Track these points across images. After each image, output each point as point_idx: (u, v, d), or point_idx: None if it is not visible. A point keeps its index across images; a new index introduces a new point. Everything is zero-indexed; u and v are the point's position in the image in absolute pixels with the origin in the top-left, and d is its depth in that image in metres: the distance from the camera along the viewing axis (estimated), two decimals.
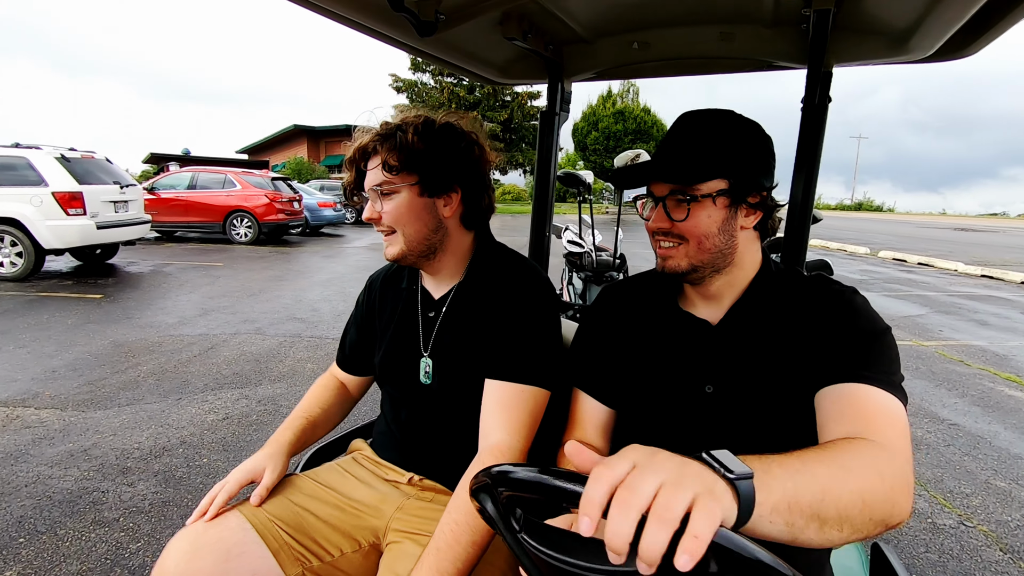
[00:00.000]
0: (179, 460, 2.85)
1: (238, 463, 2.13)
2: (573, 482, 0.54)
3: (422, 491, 1.21)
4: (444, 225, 1.21)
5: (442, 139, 1.17)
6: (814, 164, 1.38)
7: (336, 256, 10.98)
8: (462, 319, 1.22)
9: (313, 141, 49.08)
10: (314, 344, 4.92)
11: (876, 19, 1.31)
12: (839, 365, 0.86)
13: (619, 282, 1.21)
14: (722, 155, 0.92)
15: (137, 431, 3.15)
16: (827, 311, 0.93)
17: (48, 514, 2.35)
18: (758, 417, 0.92)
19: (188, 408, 3.50)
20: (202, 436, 3.13)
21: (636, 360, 1.07)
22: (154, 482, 2.64)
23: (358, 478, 1.24)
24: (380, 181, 1.15)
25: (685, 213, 0.92)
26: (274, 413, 3.47)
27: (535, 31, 1.49)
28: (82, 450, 2.92)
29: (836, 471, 0.65)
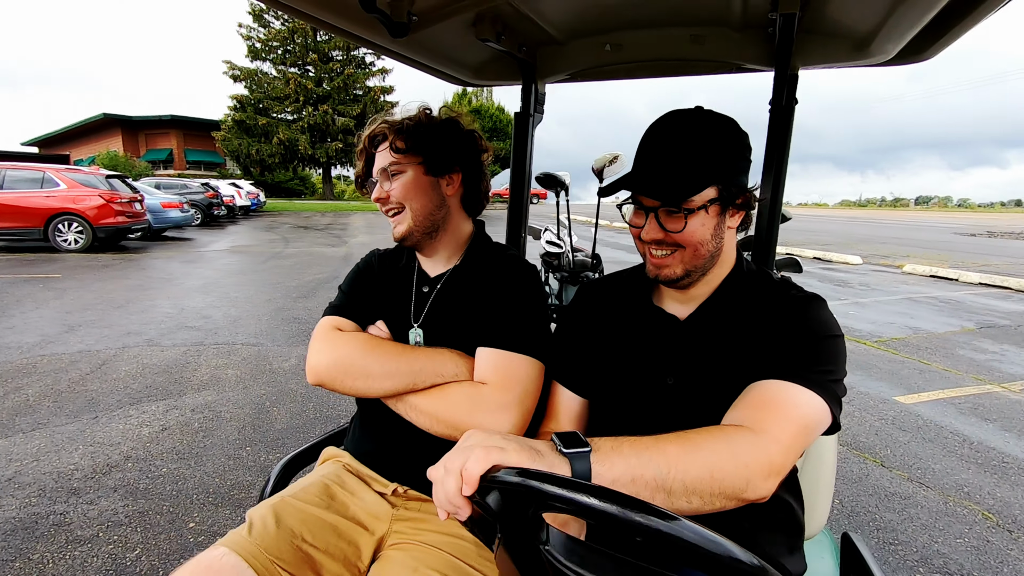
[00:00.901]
0: (134, 474, 2.73)
1: (202, 469, 2.35)
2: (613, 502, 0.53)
3: (408, 501, 1.20)
4: (447, 204, 1.28)
5: (445, 126, 1.27)
6: (782, 164, 1.40)
7: (198, 261, 10.07)
8: (455, 296, 1.27)
9: (130, 133, 42.86)
10: (225, 351, 4.71)
11: (839, 24, 1.33)
12: (774, 364, 0.89)
13: (597, 280, 1.24)
14: (710, 163, 0.92)
15: (64, 454, 2.91)
16: (783, 314, 0.95)
17: (6, 542, 2.18)
18: (713, 408, 0.93)
19: (112, 425, 3.26)
20: (147, 448, 2.99)
21: (607, 352, 1.09)
22: (117, 497, 2.53)
23: (349, 491, 1.21)
24: (388, 162, 1.22)
25: (681, 224, 0.92)
26: (216, 419, 3.38)
27: (509, 32, 1.49)
28: (7, 479, 2.64)
29: (686, 447, 0.75)
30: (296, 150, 37.23)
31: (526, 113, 1.80)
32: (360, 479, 1.23)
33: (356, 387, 1.16)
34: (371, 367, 1.15)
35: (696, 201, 0.91)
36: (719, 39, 1.46)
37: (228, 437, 3.16)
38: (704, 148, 0.92)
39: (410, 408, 1.15)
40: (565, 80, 1.81)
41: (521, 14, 1.40)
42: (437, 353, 1.17)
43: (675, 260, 0.96)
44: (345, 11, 1.23)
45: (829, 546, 1.32)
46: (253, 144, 36.23)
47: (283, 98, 37.20)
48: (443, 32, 1.43)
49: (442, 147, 1.24)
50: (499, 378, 1.12)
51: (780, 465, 0.79)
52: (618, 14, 1.44)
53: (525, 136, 1.82)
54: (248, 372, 4.20)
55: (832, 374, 0.88)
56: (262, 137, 36.55)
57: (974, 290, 9.11)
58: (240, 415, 3.46)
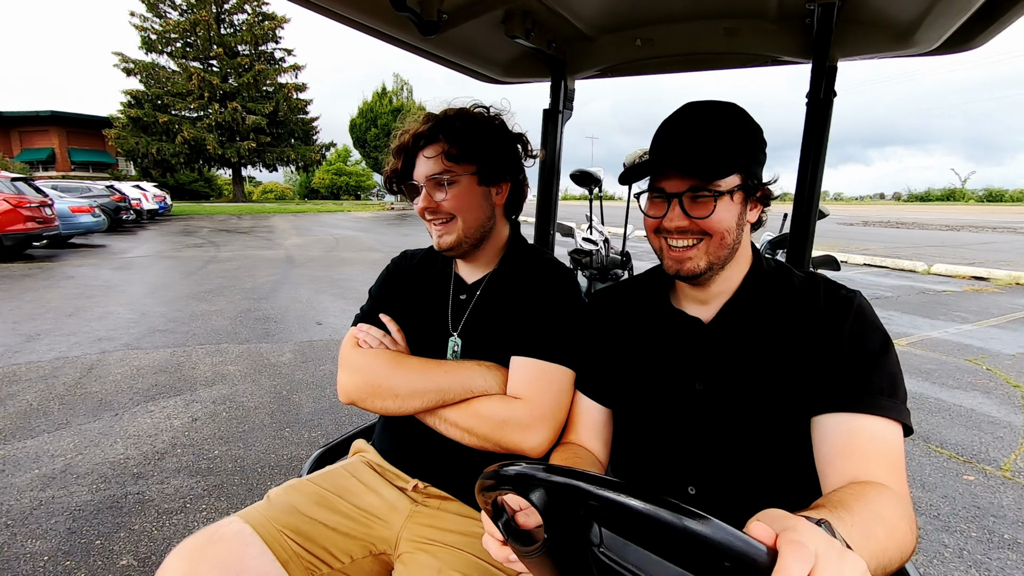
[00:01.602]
0: (189, 458, 2.92)
1: (253, 448, 2.59)
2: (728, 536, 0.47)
3: (428, 498, 1.18)
4: (495, 214, 1.24)
5: (496, 130, 1.21)
6: (820, 159, 1.35)
7: (131, 268, 9.56)
8: (494, 303, 1.23)
9: (1, 131, 38.14)
10: (213, 351, 4.78)
11: (881, 12, 1.28)
12: (841, 389, 0.84)
13: (609, 287, 1.21)
14: (736, 149, 0.90)
15: (105, 447, 3.02)
16: (829, 316, 0.90)
17: (97, 520, 2.36)
18: (746, 416, 0.90)
19: (139, 420, 3.36)
20: (188, 436, 3.16)
21: (630, 359, 1.05)
22: (184, 476, 2.73)
23: (365, 483, 1.21)
24: (441, 170, 1.15)
25: (709, 209, 0.89)
26: (241, 408, 3.57)
27: (538, 29, 1.46)
28: (61, 471, 2.75)
29: (888, 531, 0.68)
30: (203, 149, 35.01)
31: (555, 110, 1.79)
32: (380, 475, 1.23)
33: (386, 407, 1.15)
34: (398, 387, 1.14)
35: (723, 185, 0.89)
36: (753, 31, 1.43)
37: (262, 422, 3.38)
38: (730, 134, 0.91)
39: (440, 421, 1.14)
40: (595, 76, 1.80)
41: (550, 10, 1.40)
42: (464, 367, 1.15)
43: (699, 252, 0.92)
44: (376, 10, 1.23)
45: None
46: (153, 143, 33.66)
47: (185, 94, 34.84)
48: (472, 30, 1.43)
49: (496, 155, 1.19)
50: (532, 391, 1.10)
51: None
52: (649, 8, 1.43)
53: (555, 133, 1.80)
54: (249, 368, 4.35)
55: (904, 391, 0.85)
56: (163, 135, 34.04)
57: (859, 270, 10.70)
58: (264, 403, 3.66)
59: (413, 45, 1.45)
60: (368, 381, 1.16)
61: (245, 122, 35.76)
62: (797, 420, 0.87)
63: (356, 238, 15.49)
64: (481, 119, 1.19)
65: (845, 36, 1.35)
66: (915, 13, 1.22)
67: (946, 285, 8.77)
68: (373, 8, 1.22)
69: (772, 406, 0.89)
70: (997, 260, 10.70)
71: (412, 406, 1.13)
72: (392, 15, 1.18)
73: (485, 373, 1.14)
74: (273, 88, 37.67)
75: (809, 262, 1.45)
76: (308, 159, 39.13)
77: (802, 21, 1.36)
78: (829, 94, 1.33)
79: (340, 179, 57.47)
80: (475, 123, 1.17)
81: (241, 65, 35.91)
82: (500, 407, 1.10)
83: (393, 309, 1.29)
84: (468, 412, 1.11)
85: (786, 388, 0.89)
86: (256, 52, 37.08)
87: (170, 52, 35.72)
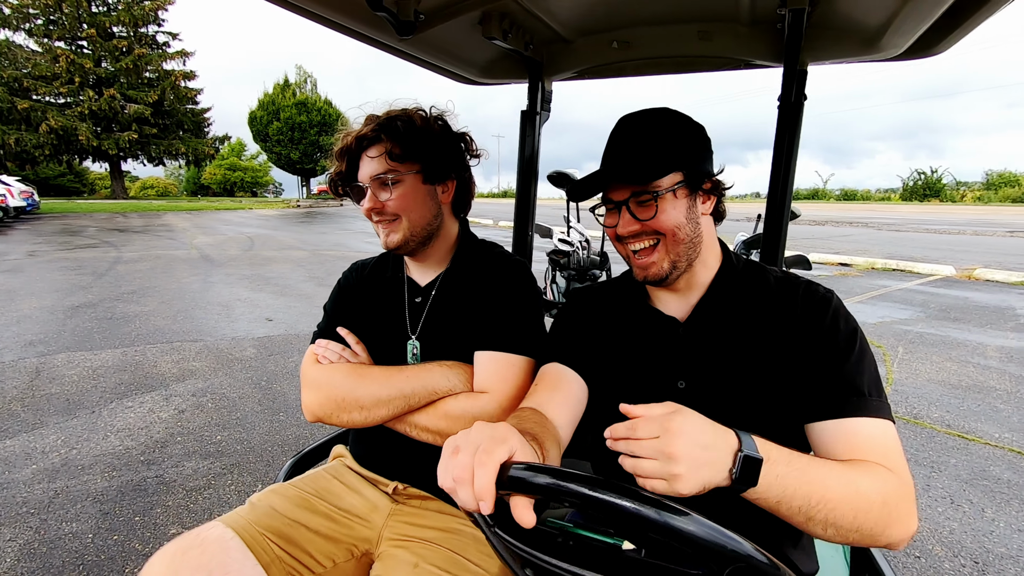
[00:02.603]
0: (193, 444, 3.02)
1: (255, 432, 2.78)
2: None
3: (409, 499, 1.20)
4: (441, 212, 1.25)
5: (439, 129, 1.22)
6: (791, 160, 1.38)
7: (20, 271, 8.65)
8: (449, 303, 1.24)
9: None
10: (167, 349, 4.69)
11: (849, 18, 1.31)
12: (832, 395, 0.87)
13: (586, 287, 1.22)
14: (672, 149, 0.94)
15: (97, 440, 3.03)
16: (808, 317, 0.93)
17: (126, 502, 2.46)
18: (731, 411, 0.91)
19: (121, 415, 3.36)
20: (182, 426, 3.23)
21: (611, 359, 1.06)
22: (198, 459, 2.85)
23: (346, 485, 1.22)
24: (385, 169, 1.15)
25: (653, 211, 0.93)
26: (225, 399, 3.66)
27: (515, 30, 1.47)
28: (60, 464, 2.76)
29: (848, 490, 0.73)
30: (73, 140, 31.38)
31: (533, 111, 1.79)
32: (361, 477, 1.25)
33: (353, 420, 1.15)
34: (362, 398, 1.13)
35: (663, 184, 0.93)
36: (727, 35, 1.46)
37: (253, 409, 3.51)
38: (664, 137, 0.95)
39: (411, 427, 1.15)
40: (572, 78, 1.81)
41: (528, 12, 1.40)
42: (426, 370, 1.15)
43: (660, 254, 0.96)
44: (352, 10, 1.22)
45: (839, 545, 1.32)
46: (11, 132, 29.64)
47: (51, 78, 31.02)
48: (450, 30, 1.43)
49: (440, 153, 1.20)
50: (498, 383, 1.12)
51: (915, 511, 0.79)
52: (625, 11, 1.44)
53: (533, 134, 1.80)
54: (215, 363, 4.36)
55: (881, 387, 0.89)
56: (23, 124, 30.07)
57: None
58: (248, 393, 3.77)
59: (390, 45, 1.46)
60: (331, 396, 1.15)
61: (125, 111, 32.51)
62: (785, 422, 0.90)
63: (271, 236, 14.92)
64: (423, 119, 1.20)
65: (815, 41, 1.40)
66: (881, 20, 1.26)
67: (820, 271, 10.30)
68: (349, 8, 1.22)
69: (757, 404, 0.92)
70: (856, 249, 12.59)
71: (379, 415, 1.14)
72: (368, 15, 1.17)
73: (448, 373, 1.15)
74: (158, 75, 34.54)
75: (782, 261, 1.48)
76: (200, 153, 36.34)
77: (774, 26, 1.41)
78: (800, 97, 1.37)
79: (234, 175, 53.87)
80: (417, 122, 1.18)
81: (118, 48, 32.57)
82: (468, 404, 1.11)
83: (349, 321, 1.29)
84: (437, 414, 1.13)
85: (770, 387, 0.92)
86: (135, 34, 33.79)
87: (29, 30, 31.61)
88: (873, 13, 1.26)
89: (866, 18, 1.29)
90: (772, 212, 1.44)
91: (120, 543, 2.18)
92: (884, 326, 5.78)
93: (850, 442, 0.84)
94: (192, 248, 11.93)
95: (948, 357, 4.68)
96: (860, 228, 17.81)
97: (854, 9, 1.27)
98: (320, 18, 1.23)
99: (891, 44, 1.34)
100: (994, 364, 4.50)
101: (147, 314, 5.91)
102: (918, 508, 2.49)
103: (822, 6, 1.27)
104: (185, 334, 5.17)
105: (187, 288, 7.40)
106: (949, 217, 22.65)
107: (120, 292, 7.02)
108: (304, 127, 34.98)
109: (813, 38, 1.39)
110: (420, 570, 1.02)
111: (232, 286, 7.60)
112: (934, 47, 1.35)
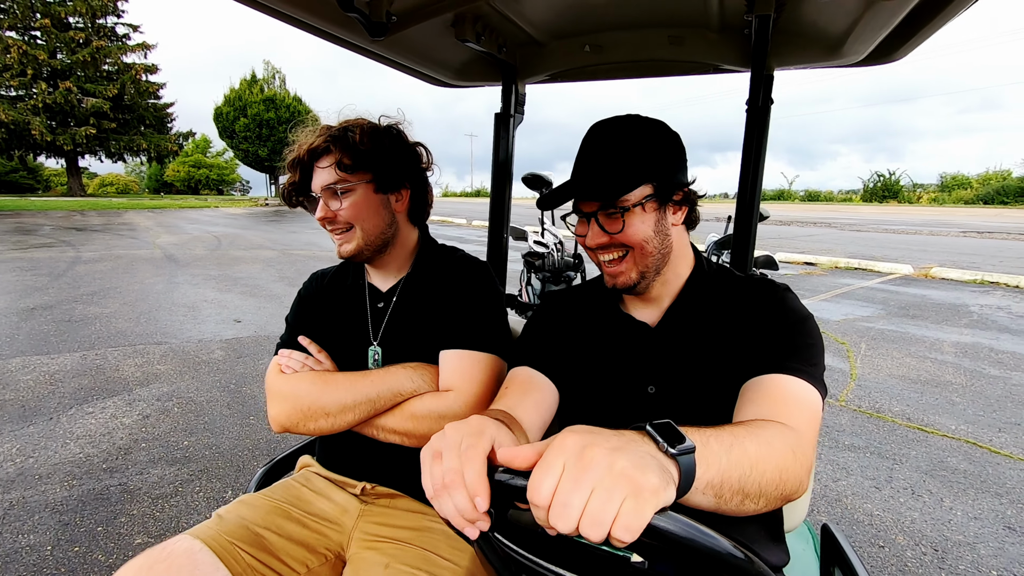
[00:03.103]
0: (159, 450, 2.93)
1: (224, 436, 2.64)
2: None
3: (377, 498, 1.20)
4: (396, 220, 1.25)
5: (391, 140, 1.22)
6: (759, 163, 1.40)
7: None
8: (410, 307, 1.25)
9: None
10: (131, 352, 4.53)
11: (813, 25, 1.35)
12: (765, 356, 0.89)
13: (561, 291, 1.22)
14: (642, 162, 0.93)
15: (57, 448, 2.91)
16: (758, 307, 0.96)
17: (88, 511, 2.37)
18: (700, 415, 0.92)
19: (81, 421, 3.23)
20: (147, 432, 3.12)
21: (583, 363, 1.06)
22: (164, 465, 2.77)
23: (315, 491, 1.22)
24: (335, 180, 1.15)
25: (620, 225, 0.93)
26: (192, 403, 3.55)
27: (488, 33, 1.47)
28: (16, 474, 2.64)
29: (763, 446, 0.69)
30: (25, 134, 30.09)
31: (507, 114, 1.79)
32: (329, 481, 1.25)
33: (320, 427, 1.15)
34: (327, 405, 1.14)
35: (631, 199, 0.92)
36: (697, 40, 1.49)
37: (222, 413, 3.41)
38: (634, 149, 0.94)
39: (377, 430, 1.16)
40: (546, 81, 1.82)
41: (501, 15, 1.41)
42: (390, 373, 1.16)
43: (628, 265, 0.97)
44: (323, 11, 1.21)
45: (809, 538, 1.35)
46: None
47: (1, 69, 29.62)
48: (422, 33, 1.42)
49: (391, 162, 1.20)
50: (462, 381, 1.13)
51: (813, 464, 0.79)
52: (597, 15, 1.46)
53: (506, 137, 1.80)
54: (181, 366, 4.23)
55: (820, 366, 0.90)
56: None
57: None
58: (215, 397, 3.67)
59: (362, 47, 1.44)
60: (296, 406, 1.16)
61: (82, 105, 31.33)
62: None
63: (239, 235, 14.57)
64: (374, 129, 1.20)
65: (781, 47, 1.43)
66: (843, 27, 1.30)
67: (787, 270, 10.58)
68: (320, 9, 1.21)
69: (725, 408, 0.90)
70: (820, 249, 12.98)
71: (345, 421, 1.14)
72: (340, 16, 1.17)
73: (412, 374, 1.16)
74: (117, 68, 33.40)
75: (752, 261, 1.50)
76: (162, 149, 35.25)
77: (741, 32, 1.44)
78: (767, 101, 1.39)
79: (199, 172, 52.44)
80: (368, 133, 1.18)
81: (75, 40, 31.40)
82: (433, 403, 1.12)
83: (311, 331, 1.29)
84: (403, 416, 1.13)
85: (732, 383, 0.92)
86: (93, 26, 32.57)
87: None
88: (836, 21, 1.30)
89: (829, 25, 1.33)
90: (741, 213, 1.48)
91: (81, 555, 2.10)
92: (848, 323, 5.97)
93: (775, 392, 0.84)
94: (156, 248, 11.56)
95: (908, 353, 4.86)
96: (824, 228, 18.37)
97: (818, 17, 1.31)
98: (290, 18, 1.21)
99: (853, 50, 1.38)
100: (950, 359, 4.70)
101: (108, 316, 5.71)
102: (882, 499, 2.60)
103: (788, 13, 1.31)
104: (149, 336, 5.01)
105: (151, 289, 7.17)
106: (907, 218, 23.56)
107: (79, 293, 6.76)
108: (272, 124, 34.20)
109: (779, 44, 1.42)
110: (392, 570, 1.03)
111: (198, 287, 7.40)
112: (893, 53, 1.39)
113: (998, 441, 3.17)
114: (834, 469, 2.86)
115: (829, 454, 3.03)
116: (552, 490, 0.52)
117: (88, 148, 32.99)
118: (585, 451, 0.53)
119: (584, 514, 0.50)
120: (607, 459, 0.52)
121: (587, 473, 0.52)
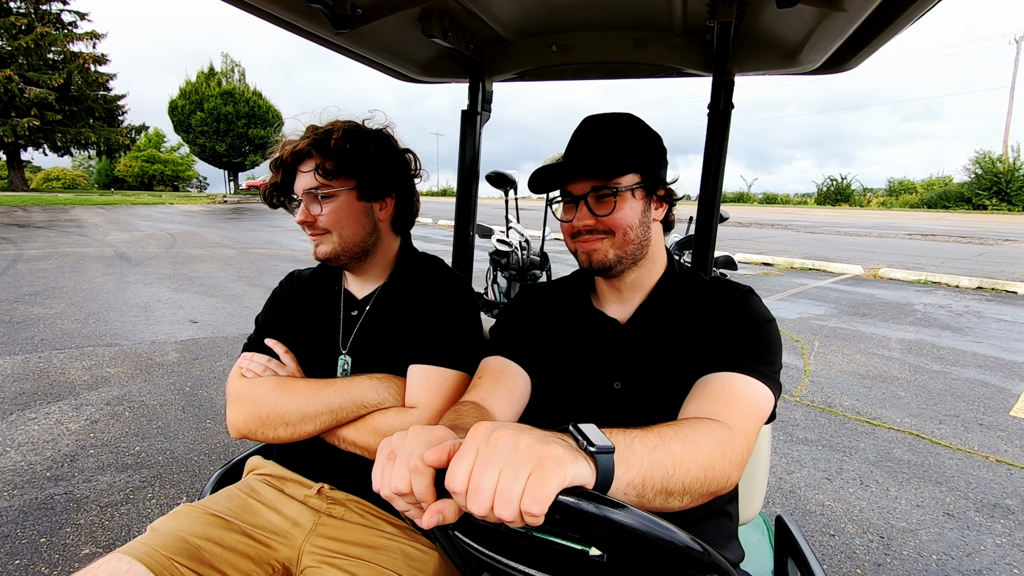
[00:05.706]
0: (108, 456, 2.80)
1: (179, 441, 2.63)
2: None
3: (332, 504, 1.15)
4: (378, 228, 1.22)
5: (378, 145, 1.18)
6: (720, 166, 1.43)
7: None
8: (384, 318, 1.22)
9: None
10: (78, 355, 4.32)
11: (772, 33, 1.39)
12: (719, 355, 0.91)
13: (539, 284, 1.23)
14: (634, 151, 0.98)
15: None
16: (721, 309, 0.98)
17: (30, 522, 2.25)
18: (661, 411, 0.92)
19: (23, 427, 3.07)
20: (96, 438, 2.99)
21: (552, 357, 1.07)
22: (113, 472, 2.65)
23: (262, 502, 1.16)
24: (316, 185, 1.12)
25: (611, 207, 0.95)
26: (144, 407, 3.42)
27: (456, 29, 1.46)
28: None
29: (689, 447, 0.70)
30: None
31: (473, 111, 1.77)
32: (279, 490, 1.19)
33: (279, 435, 1.11)
34: (287, 413, 1.10)
35: (623, 183, 0.95)
36: (661, 44, 1.51)
37: (176, 417, 3.29)
38: (627, 138, 0.99)
39: (340, 442, 1.13)
40: (513, 79, 1.82)
41: (468, 11, 1.40)
42: (355, 383, 1.12)
43: (605, 244, 0.98)
44: (287, 1, 1.20)
45: (764, 530, 1.38)
46: None
47: None
48: (388, 27, 1.41)
49: (377, 169, 1.17)
50: (428, 398, 1.10)
51: (746, 458, 0.80)
52: (564, 15, 1.46)
53: (473, 134, 1.79)
54: (132, 369, 4.06)
55: (775, 364, 0.92)
56: None
57: None
58: (170, 400, 3.53)
59: (326, 39, 1.42)
60: (255, 412, 1.11)
61: (24, 94, 29.70)
62: None
63: (196, 233, 14.07)
64: (360, 134, 1.17)
65: (741, 53, 1.48)
66: (799, 37, 1.36)
67: (745, 270, 10.90)
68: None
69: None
70: (777, 250, 13.42)
71: (305, 430, 1.10)
72: (303, 7, 1.15)
73: (377, 386, 1.12)
74: (63, 57, 31.77)
75: (712, 261, 1.54)
76: (113, 143, 33.71)
77: (703, 37, 1.48)
78: (727, 106, 1.42)
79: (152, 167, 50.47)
80: (353, 138, 1.14)
81: (16, 25, 29.69)
82: (397, 420, 1.09)
83: (282, 333, 1.25)
84: (365, 429, 1.10)
85: (694, 382, 0.93)
86: (37, 12, 30.93)
87: None
88: (793, 30, 1.35)
89: (787, 34, 1.38)
90: (703, 214, 1.51)
91: (23, 568, 1.99)
92: (802, 322, 6.19)
93: (720, 390, 0.87)
94: (106, 245, 11.06)
95: (857, 349, 5.08)
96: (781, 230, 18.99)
97: (776, 25, 1.36)
98: (251, 7, 1.18)
99: (808, 59, 1.43)
100: (896, 355, 4.93)
101: (53, 317, 5.43)
102: (832, 489, 2.71)
103: (748, 20, 1.34)
104: (98, 338, 4.79)
105: (100, 288, 6.85)
106: (857, 220, 24.59)
107: (21, 293, 6.41)
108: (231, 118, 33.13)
109: (740, 50, 1.46)
110: None
111: (152, 286, 7.11)
112: (846, 63, 1.45)
113: (939, 432, 3.35)
114: (788, 462, 2.96)
115: (784, 448, 3.14)
116: (467, 475, 0.53)
117: (31, 140, 31.29)
118: (492, 435, 0.55)
119: (496, 494, 0.52)
120: (512, 439, 0.54)
121: (494, 454, 0.53)
